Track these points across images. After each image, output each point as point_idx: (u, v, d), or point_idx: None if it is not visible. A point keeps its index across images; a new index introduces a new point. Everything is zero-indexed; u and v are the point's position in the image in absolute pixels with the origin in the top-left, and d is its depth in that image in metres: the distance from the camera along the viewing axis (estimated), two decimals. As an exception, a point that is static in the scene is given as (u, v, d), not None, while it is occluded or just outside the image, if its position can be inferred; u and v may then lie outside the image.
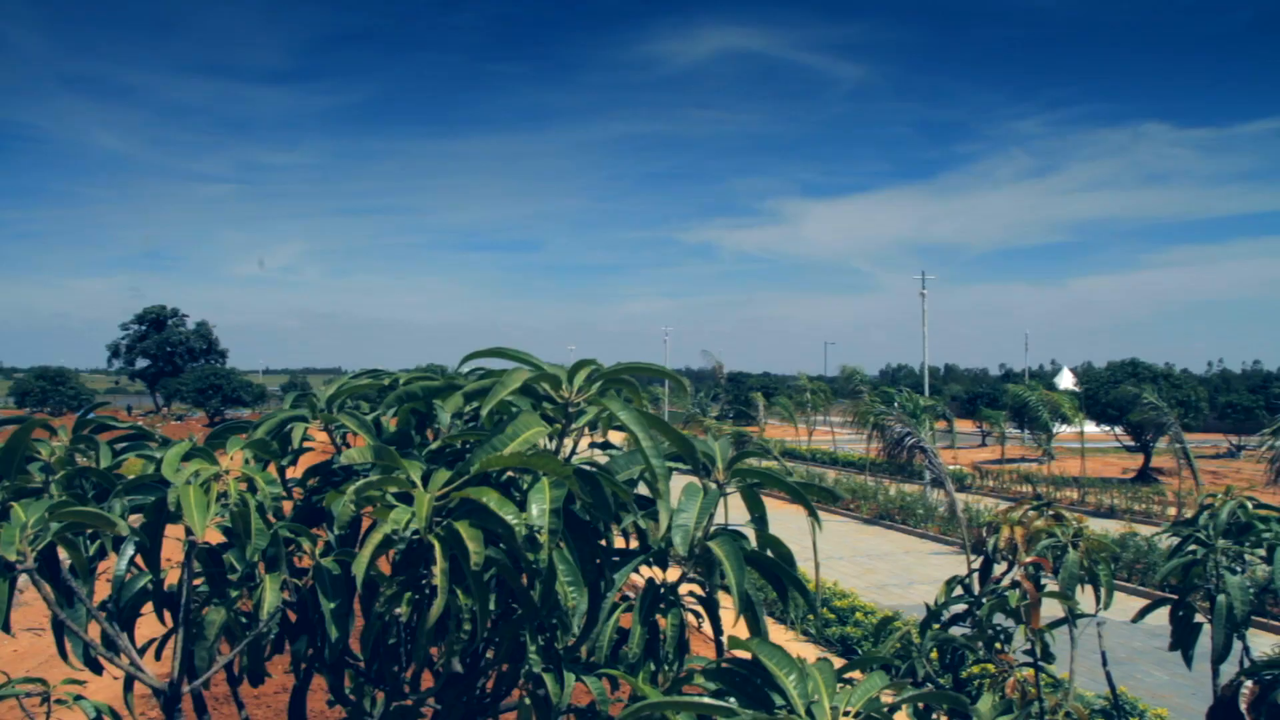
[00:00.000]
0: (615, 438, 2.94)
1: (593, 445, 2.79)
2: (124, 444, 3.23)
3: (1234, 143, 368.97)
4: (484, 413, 2.30)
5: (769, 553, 2.67)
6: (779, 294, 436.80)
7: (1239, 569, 4.30)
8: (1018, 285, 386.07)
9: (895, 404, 15.84)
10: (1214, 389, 79.11)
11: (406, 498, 2.27)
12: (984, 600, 4.19)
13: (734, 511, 2.85)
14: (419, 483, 2.28)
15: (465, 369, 3.06)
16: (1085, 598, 4.33)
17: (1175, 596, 4.50)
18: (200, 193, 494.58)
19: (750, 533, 2.72)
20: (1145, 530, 26.60)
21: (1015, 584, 4.21)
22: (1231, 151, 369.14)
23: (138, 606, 3.15)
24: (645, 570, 2.79)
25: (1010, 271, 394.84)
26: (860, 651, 16.32)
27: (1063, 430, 46.36)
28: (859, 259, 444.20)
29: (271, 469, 3.01)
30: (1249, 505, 4.38)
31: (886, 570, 24.45)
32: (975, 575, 4.50)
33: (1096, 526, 27.46)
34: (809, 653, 14.72)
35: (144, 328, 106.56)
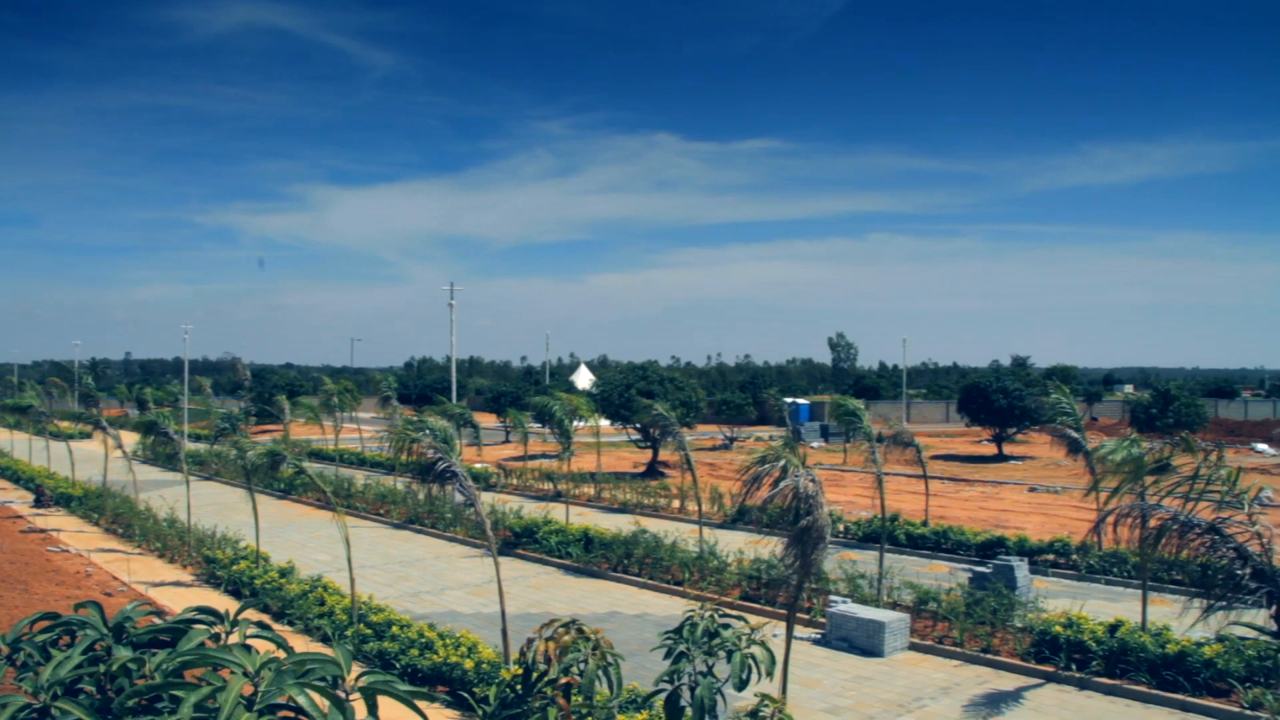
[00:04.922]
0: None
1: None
2: None
3: (732, 158, 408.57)
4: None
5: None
6: (305, 282, 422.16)
7: (712, 665, 5.70)
8: (539, 280, 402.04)
9: (427, 430, 16.81)
10: (711, 383, 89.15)
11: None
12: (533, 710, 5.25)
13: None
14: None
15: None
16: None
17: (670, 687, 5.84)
18: None
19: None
20: (653, 525, 29.47)
21: (552, 686, 5.31)
22: (730, 166, 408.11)
23: None
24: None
25: (532, 266, 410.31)
26: (398, 666, 17.03)
27: (581, 425, 49.90)
28: (386, 249, 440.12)
29: None
30: (716, 616, 5.79)
31: (419, 577, 25.23)
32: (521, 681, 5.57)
33: (610, 523, 29.98)
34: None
35: None
